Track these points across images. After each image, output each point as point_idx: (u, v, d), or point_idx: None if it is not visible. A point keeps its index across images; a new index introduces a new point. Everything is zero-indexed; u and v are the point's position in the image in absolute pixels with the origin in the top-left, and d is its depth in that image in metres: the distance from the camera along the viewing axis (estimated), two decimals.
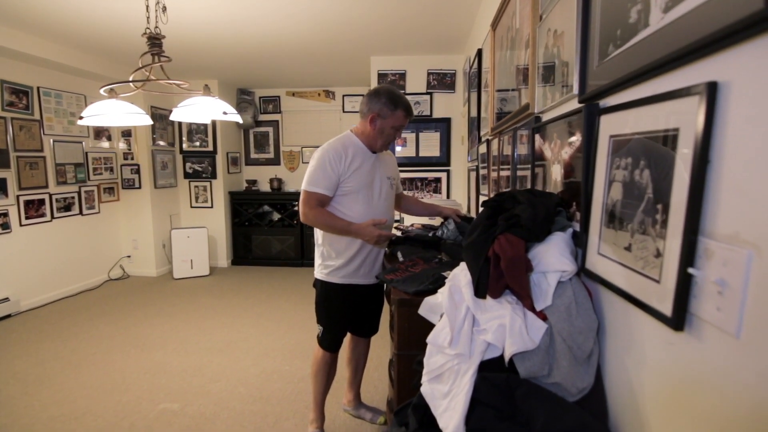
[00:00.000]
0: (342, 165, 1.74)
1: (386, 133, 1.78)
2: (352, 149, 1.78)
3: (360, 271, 1.85)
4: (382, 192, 1.84)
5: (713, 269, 0.55)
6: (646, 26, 0.70)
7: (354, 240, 1.79)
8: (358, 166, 1.77)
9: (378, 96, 1.75)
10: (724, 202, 0.55)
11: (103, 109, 2.40)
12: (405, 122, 1.79)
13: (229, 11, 2.98)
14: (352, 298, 1.88)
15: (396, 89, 1.83)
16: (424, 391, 1.00)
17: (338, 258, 1.83)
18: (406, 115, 1.78)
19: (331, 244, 1.83)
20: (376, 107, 1.75)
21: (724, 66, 0.55)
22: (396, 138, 1.85)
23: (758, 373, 0.49)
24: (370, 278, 1.88)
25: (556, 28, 1.17)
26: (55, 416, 2.18)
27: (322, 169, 1.73)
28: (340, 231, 1.76)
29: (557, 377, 0.87)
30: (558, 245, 0.95)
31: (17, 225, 3.77)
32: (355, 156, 1.78)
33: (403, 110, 1.76)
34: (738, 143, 0.53)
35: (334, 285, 1.85)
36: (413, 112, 1.87)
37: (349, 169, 1.75)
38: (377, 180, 1.83)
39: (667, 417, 0.69)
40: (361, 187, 1.78)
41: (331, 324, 1.91)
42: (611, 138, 0.82)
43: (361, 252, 1.82)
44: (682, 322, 0.62)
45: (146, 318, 3.63)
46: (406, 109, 1.78)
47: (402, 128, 1.82)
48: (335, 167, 1.73)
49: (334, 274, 1.85)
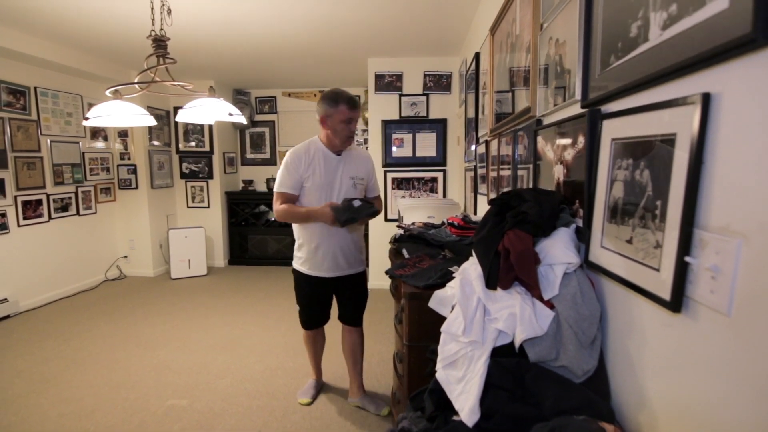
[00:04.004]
0: (302, 166, 1.99)
1: (338, 129, 1.95)
2: (314, 152, 2.02)
3: (324, 265, 2.07)
4: (341, 191, 2.03)
5: (707, 257, 0.63)
6: (645, 41, 0.78)
7: (315, 234, 2.04)
8: (316, 167, 2.00)
9: (322, 100, 1.96)
10: (716, 198, 0.63)
11: (108, 110, 2.42)
12: (352, 114, 1.93)
13: (227, 13, 3.03)
14: (319, 288, 2.13)
15: (339, 89, 1.98)
16: (439, 377, 1.07)
17: (305, 250, 2.09)
18: (349, 107, 1.92)
19: (299, 237, 2.11)
20: (322, 110, 1.96)
21: (716, 79, 0.63)
22: (351, 131, 1.98)
23: (747, 345, 0.57)
24: (335, 272, 2.09)
25: (558, 37, 1.25)
26: (65, 414, 2.21)
27: (287, 171, 2.00)
28: (303, 218, 2.01)
29: (564, 361, 0.95)
30: (563, 239, 1.02)
31: (15, 225, 3.77)
32: (315, 158, 2.01)
33: (344, 104, 1.92)
34: (728, 146, 0.60)
35: (302, 274, 2.13)
36: (357, 102, 1.98)
37: (308, 169, 1.99)
38: (338, 179, 2.03)
39: (665, 392, 0.76)
40: (319, 185, 2.00)
41: (303, 306, 2.21)
42: (613, 141, 0.90)
43: (321, 245, 2.04)
44: (679, 304, 0.69)
45: (147, 317, 3.65)
46: (347, 102, 1.92)
47: (352, 120, 1.96)
48: (297, 168, 1.99)
49: (302, 265, 2.12)
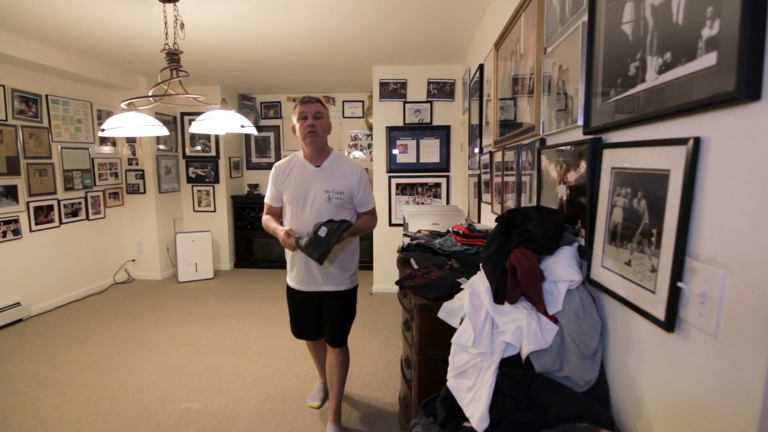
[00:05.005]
0: (279, 179, 2.05)
1: (300, 128, 1.96)
2: (293, 164, 2.05)
3: (300, 279, 2.08)
4: (314, 205, 1.97)
5: (697, 284, 0.71)
6: (642, 81, 0.85)
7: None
8: (292, 179, 2.02)
9: None
10: (705, 231, 0.70)
11: (122, 121, 2.50)
12: (303, 107, 1.94)
13: (237, 25, 3.10)
14: (300, 301, 2.14)
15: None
16: (450, 386, 1.14)
17: (288, 263, 2.14)
18: (301, 102, 1.96)
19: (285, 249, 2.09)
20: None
21: (706, 124, 0.70)
22: (308, 127, 1.93)
23: (731, 364, 0.65)
24: (310, 286, 2.07)
25: (561, 64, 1.32)
26: (83, 417, 2.29)
27: (270, 183, 2.10)
28: (272, 233, 2.03)
29: (567, 371, 1.02)
30: (566, 258, 1.10)
31: (27, 231, 3.84)
32: (292, 170, 2.03)
33: (298, 103, 1.97)
34: (716, 187, 0.68)
35: (287, 285, 2.19)
36: (311, 98, 1.97)
37: (284, 182, 2.03)
38: (311, 193, 1.98)
39: (660, 402, 0.84)
40: (292, 198, 2.01)
41: (291, 317, 2.25)
42: (613, 170, 0.97)
43: (296, 258, 2.06)
44: (672, 324, 0.77)
45: (157, 321, 3.73)
46: (300, 100, 1.97)
47: (304, 114, 1.94)
48: (275, 181, 2.07)
49: (288, 276, 2.18)
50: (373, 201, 2.11)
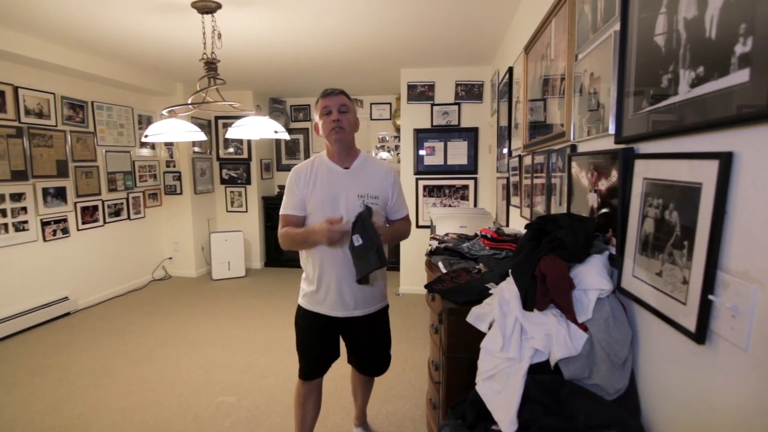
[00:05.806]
0: (302, 183, 1.73)
1: (323, 124, 1.71)
2: (317, 166, 1.75)
3: (326, 301, 1.75)
4: (348, 211, 1.66)
5: (728, 297, 0.71)
6: (675, 94, 0.86)
7: (315, 260, 1.74)
8: (317, 182, 1.72)
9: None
10: (737, 246, 0.71)
11: (164, 128, 2.63)
12: (327, 101, 1.69)
13: (268, 31, 3.19)
14: (318, 327, 1.79)
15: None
16: (480, 389, 1.17)
17: (309, 281, 1.79)
18: (323, 97, 1.71)
19: (305, 266, 1.81)
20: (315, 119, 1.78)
21: (738, 139, 0.71)
22: (332, 122, 1.68)
23: (761, 378, 0.65)
24: (337, 311, 1.75)
25: (592, 71, 1.33)
26: (126, 407, 2.43)
27: (289, 190, 1.75)
28: (302, 241, 1.70)
29: (597, 379, 1.03)
30: (596, 266, 1.11)
31: (75, 230, 4.09)
32: (317, 173, 1.73)
33: (320, 97, 1.72)
34: (748, 202, 0.68)
35: (302, 309, 1.82)
36: (333, 90, 1.71)
37: (308, 186, 1.72)
38: (342, 198, 1.69)
39: (690, 414, 0.84)
40: (319, 205, 1.70)
41: (300, 350, 1.85)
42: (644, 180, 0.98)
43: (324, 278, 1.73)
44: (703, 336, 0.77)
45: (192, 317, 3.89)
46: (322, 94, 1.72)
47: (328, 108, 1.69)
48: (297, 186, 1.73)
49: (304, 298, 1.81)
50: (406, 206, 1.93)
